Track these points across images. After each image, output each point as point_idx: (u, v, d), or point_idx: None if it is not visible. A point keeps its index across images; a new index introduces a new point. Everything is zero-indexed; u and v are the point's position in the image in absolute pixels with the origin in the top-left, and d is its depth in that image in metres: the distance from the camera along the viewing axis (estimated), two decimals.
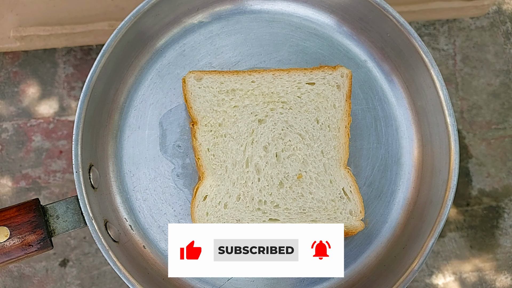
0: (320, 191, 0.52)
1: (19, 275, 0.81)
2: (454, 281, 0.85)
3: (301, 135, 0.53)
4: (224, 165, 0.52)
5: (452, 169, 0.50)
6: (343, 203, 0.52)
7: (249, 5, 0.58)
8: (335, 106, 0.54)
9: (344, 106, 0.54)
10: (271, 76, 0.54)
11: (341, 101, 0.54)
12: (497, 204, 0.88)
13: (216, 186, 0.52)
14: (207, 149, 0.52)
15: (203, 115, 0.53)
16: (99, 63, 0.50)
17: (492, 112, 0.90)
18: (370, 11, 0.54)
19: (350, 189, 0.52)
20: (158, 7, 0.53)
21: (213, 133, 0.52)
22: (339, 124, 0.53)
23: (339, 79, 0.54)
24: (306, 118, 0.53)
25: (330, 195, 0.52)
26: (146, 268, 0.52)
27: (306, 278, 0.53)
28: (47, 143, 0.84)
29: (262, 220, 0.51)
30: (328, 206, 0.52)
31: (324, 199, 0.52)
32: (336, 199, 0.52)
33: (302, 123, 0.53)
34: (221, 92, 0.53)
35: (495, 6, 0.94)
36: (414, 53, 0.53)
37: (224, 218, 0.51)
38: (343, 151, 0.53)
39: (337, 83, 0.54)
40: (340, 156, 0.53)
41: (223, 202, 0.52)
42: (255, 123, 0.53)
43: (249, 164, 0.52)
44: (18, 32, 0.77)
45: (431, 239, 0.49)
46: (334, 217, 0.52)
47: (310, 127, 0.53)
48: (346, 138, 0.53)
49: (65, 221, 0.48)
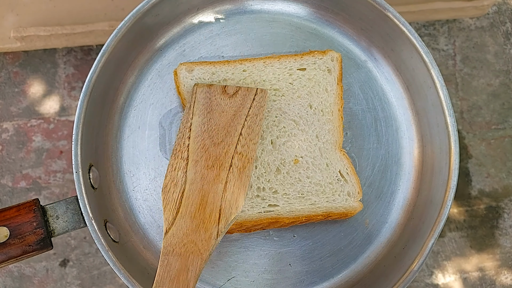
0: (317, 174, 0.52)
1: (19, 275, 0.81)
2: (454, 281, 0.85)
3: (295, 121, 0.53)
4: None
5: (452, 169, 0.50)
6: (341, 185, 0.52)
7: (249, 5, 0.58)
8: (327, 90, 0.54)
9: (336, 89, 0.54)
10: (262, 64, 0.54)
11: (333, 85, 0.54)
12: (497, 204, 0.88)
13: None
14: None
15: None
16: (99, 63, 0.50)
17: (492, 112, 0.90)
18: (370, 11, 0.54)
19: (346, 171, 0.53)
20: (158, 7, 0.53)
21: None
22: (332, 108, 0.54)
23: (329, 63, 0.55)
24: (299, 104, 0.54)
25: (327, 178, 0.52)
26: (146, 268, 0.52)
27: (306, 278, 0.53)
28: (48, 143, 0.84)
29: (262, 207, 0.51)
30: (326, 189, 0.52)
31: (321, 182, 0.52)
32: (333, 182, 0.52)
33: (296, 109, 0.53)
34: (213, 83, 0.53)
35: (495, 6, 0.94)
36: (414, 54, 0.53)
37: None
38: (337, 134, 0.53)
39: (327, 67, 0.54)
40: (335, 139, 0.53)
41: None
42: None
43: None
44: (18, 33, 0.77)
45: (431, 239, 0.49)
46: (333, 199, 0.52)
47: (304, 113, 0.53)
48: (340, 121, 0.54)
49: (65, 221, 0.48)
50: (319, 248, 0.54)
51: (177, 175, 0.47)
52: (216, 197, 0.46)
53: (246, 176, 0.47)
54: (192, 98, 0.51)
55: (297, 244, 0.54)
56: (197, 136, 0.49)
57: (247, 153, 0.48)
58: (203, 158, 0.48)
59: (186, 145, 0.48)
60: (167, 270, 0.43)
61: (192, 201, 0.46)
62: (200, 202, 0.46)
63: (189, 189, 0.46)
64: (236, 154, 0.48)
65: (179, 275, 0.42)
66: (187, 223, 0.45)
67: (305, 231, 0.54)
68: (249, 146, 0.49)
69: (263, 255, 0.53)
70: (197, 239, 0.44)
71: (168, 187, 0.46)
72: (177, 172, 0.47)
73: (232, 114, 0.50)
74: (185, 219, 0.45)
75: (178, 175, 0.47)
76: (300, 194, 0.52)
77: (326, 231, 0.54)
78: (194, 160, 0.48)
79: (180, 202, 0.46)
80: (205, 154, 0.48)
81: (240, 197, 0.47)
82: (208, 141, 0.48)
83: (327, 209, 0.52)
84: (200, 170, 0.47)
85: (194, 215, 0.45)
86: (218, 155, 0.48)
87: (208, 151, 0.48)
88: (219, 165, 0.48)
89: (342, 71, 0.55)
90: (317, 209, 0.51)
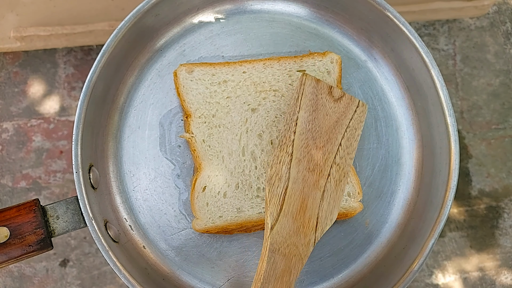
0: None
1: (20, 275, 0.81)
2: (454, 281, 0.85)
3: None
4: (220, 155, 0.52)
5: (452, 170, 0.50)
6: None
7: (249, 5, 0.58)
8: None
9: None
10: (262, 65, 0.54)
11: None
12: (497, 204, 0.88)
13: (214, 177, 0.52)
14: (202, 140, 0.52)
15: (196, 107, 0.53)
16: (99, 63, 0.50)
17: (492, 112, 0.90)
18: (370, 11, 0.54)
19: None
20: (158, 7, 0.53)
21: (207, 124, 0.53)
22: None
23: (329, 65, 0.55)
24: None
25: None
26: (146, 268, 0.52)
27: (306, 278, 0.53)
28: (48, 143, 0.84)
29: (262, 207, 0.51)
30: None
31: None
32: None
33: None
34: (213, 84, 0.54)
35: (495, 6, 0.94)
36: (414, 53, 0.53)
37: (224, 207, 0.51)
38: None
39: (327, 69, 0.55)
40: None
41: (222, 191, 0.52)
42: (248, 112, 0.53)
43: (245, 152, 0.52)
44: (18, 32, 0.77)
45: (431, 239, 0.49)
46: None
47: None
48: None
49: (65, 221, 0.48)
50: (319, 248, 0.54)
51: (282, 169, 0.47)
52: (314, 203, 0.46)
53: (341, 190, 0.48)
54: (300, 89, 0.50)
55: None
56: (302, 134, 0.48)
57: (344, 166, 0.49)
58: (305, 159, 0.47)
59: (291, 139, 0.48)
60: (273, 268, 0.42)
61: (294, 201, 0.46)
62: (300, 205, 0.46)
63: (291, 187, 0.46)
64: (334, 165, 0.48)
65: (283, 276, 0.42)
66: (290, 223, 0.45)
67: None
68: (346, 159, 0.49)
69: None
70: (298, 243, 0.44)
71: (273, 180, 0.46)
72: (281, 166, 0.47)
73: (335, 120, 0.50)
74: (288, 219, 0.45)
75: (282, 169, 0.47)
76: None
77: (326, 231, 0.54)
78: (298, 158, 0.47)
79: (283, 199, 0.46)
80: (308, 155, 0.48)
81: (335, 209, 0.47)
82: (311, 142, 0.48)
83: None
84: (302, 170, 0.47)
85: (295, 216, 0.45)
86: (319, 160, 0.48)
87: (310, 153, 0.48)
88: (319, 171, 0.47)
89: (341, 73, 0.55)
90: None
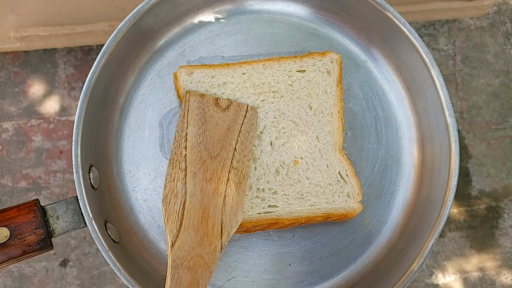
0: (317, 176, 0.52)
1: (19, 275, 0.81)
2: (454, 281, 0.85)
3: (295, 122, 0.53)
4: None
5: (452, 170, 0.50)
6: (340, 186, 0.52)
7: (249, 5, 0.58)
8: (327, 92, 0.54)
9: (336, 91, 0.54)
10: (262, 66, 0.54)
11: (332, 87, 0.54)
12: (497, 204, 0.88)
13: None
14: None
15: None
16: (99, 63, 0.50)
17: (492, 112, 0.90)
18: (370, 11, 0.54)
19: (346, 173, 0.53)
20: (158, 7, 0.53)
21: None
22: (332, 110, 0.54)
23: (329, 65, 0.55)
24: (298, 105, 0.54)
25: (327, 179, 0.52)
26: (146, 268, 0.52)
27: (306, 278, 0.53)
28: (48, 143, 0.84)
29: (261, 207, 0.51)
30: (325, 190, 0.52)
31: (321, 183, 0.52)
32: (333, 183, 0.52)
33: (295, 110, 0.54)
34: (213, 86, 0.54)
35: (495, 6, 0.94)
36: (414, 54, 0.53)
37: None
38: (337, 136, 0.54)
39: (327, 69, 0.55)
40: (335, 141, 0.53)
41: None
42: None
43: None
44: (18, 32, 0.77)
45: (431, 239, 0.49)
46: (332, 200, 0.52)
47: (304, 114, 0.53)
48: (339, 123, 0.54)
49: (65, 221, 0.48)
50: (319, 248, 0.54)
51: (177, 186, 0.47)
52: (216, 210, 0.47)
53: (242, 192, 0.49)
54: (185, 106, 0.51)
55: (297, 244, 0.54)
56: (194, 147, 0.49)
57: (242, 168, 0.49)
58: (201, 171, 0.48)
59: (183, 155, 0.48)
60: (178, 284, 0.43)
61: (194, 214, 0.46)
62: (201, 215, 0.46)
63: (190, 201, 0.47)
64: (232, 169, 0.49)
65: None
66: (192, 236, 0.45)
67: (305, 231, 0.54)
68: (244, 162, 0.50)
69: (263, 255, 0.53)
70: (203, 252, 0.45)
71: (169, 198, 0.46)
72: (176, 182, 0.47)
73: (226, 128, 0.50)
74: (189, 232, 0.45)
75: (178, 186, 0.47)
76: (300, 195, 0.52)
77: (326, 231, 0.54)
78: (193, 171, 0.48)
79: (183, 214, 0.46)
80: (203, 167, 0.48)
81: (239, 211, 0.48)
82: (204, 153, 0.49)
83: (327, 210, 0.52)
84: (199, 182, 0.48)
85: (197, 228, 0.46)
86: (215, 169, 0.48)
87: (206, 163, 0.48)
88: (217, 179, 0.48)
89: (341, 73, 0.55)
90: (317, 210, 0.52)
